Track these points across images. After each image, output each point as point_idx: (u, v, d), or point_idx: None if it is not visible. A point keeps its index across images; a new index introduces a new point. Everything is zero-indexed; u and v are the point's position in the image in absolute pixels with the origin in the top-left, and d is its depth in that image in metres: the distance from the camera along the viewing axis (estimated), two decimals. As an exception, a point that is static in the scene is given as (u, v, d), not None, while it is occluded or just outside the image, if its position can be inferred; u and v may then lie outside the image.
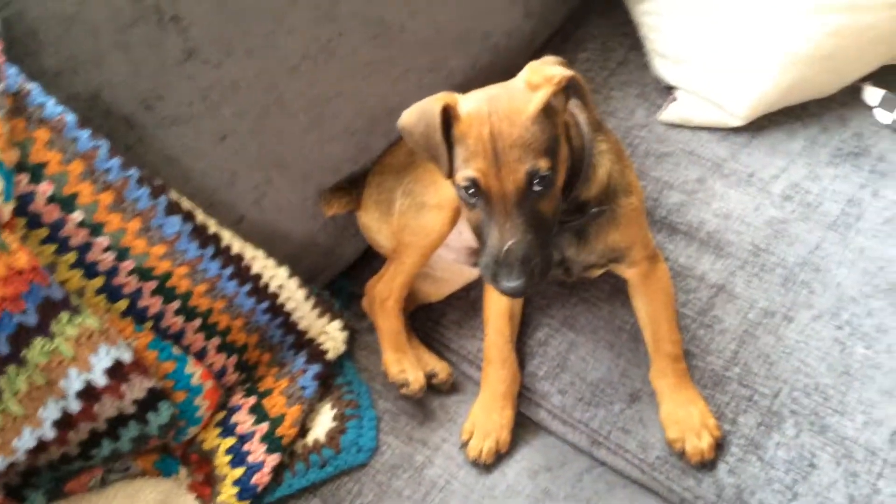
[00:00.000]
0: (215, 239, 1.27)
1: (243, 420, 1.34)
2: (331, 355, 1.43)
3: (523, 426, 1.39)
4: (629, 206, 1.28)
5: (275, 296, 1.38)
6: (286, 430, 1.33)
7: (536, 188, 1.07)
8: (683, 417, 1.29)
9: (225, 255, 1.29)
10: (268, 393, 1.37)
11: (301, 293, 1.41)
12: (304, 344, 1.44)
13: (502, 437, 1.34)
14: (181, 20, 1.15)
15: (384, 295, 1.41)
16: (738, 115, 1.55)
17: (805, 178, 1.48)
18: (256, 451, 1.31)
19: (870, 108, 1.53)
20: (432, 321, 1.54)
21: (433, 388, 1.43)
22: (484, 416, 1.35)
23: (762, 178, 1.50)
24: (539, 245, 1.08)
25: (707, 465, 1.27)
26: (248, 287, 1.33)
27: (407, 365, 1.38)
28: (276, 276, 1.37)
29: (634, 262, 1.34)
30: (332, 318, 1.46)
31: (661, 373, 1.33)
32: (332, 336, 1.45)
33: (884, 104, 1.51)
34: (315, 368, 1.41)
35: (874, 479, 1.20)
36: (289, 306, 1.40)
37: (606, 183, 1.25)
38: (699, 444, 1.26)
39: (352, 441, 1.35)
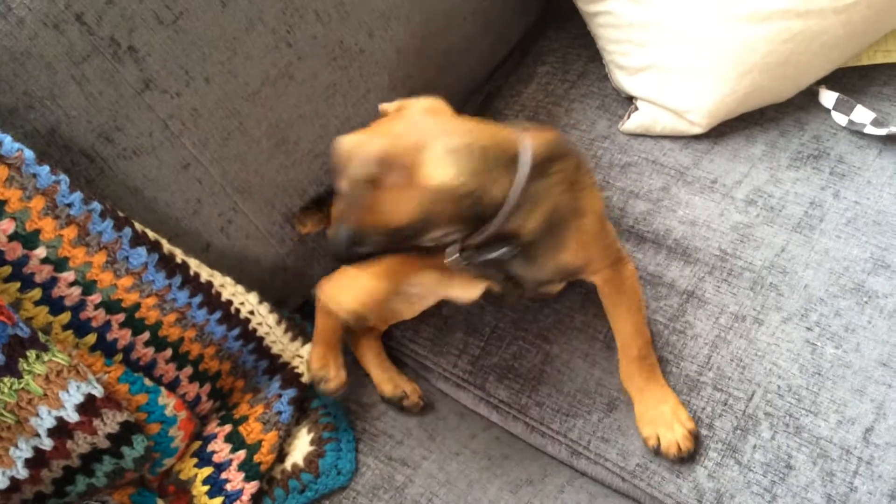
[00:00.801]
0: (183, 268, 1.26)
1: (220, 448, 1.32)
2: (305, 378, 1.42)
3: (503, 440, 1.39)
4: (579, 229, 1.22)
5: (246, 321, 1.36)
6: (264, 457, 1.32)
7: None
8: (655, 416, 1.30)
9: (194, 284, 1.28)
10: (243, 420, 1.36)
11: (272, 318, 1.40)
12: (278, 368, 1.43)
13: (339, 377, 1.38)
14: (137, 51, 1.14)
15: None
16: (697, 123, 1.56)
17: (767, 183, 1.50)
18: (234, 479, 1.30)
19: (827, 111, 1.55)
20: (407, 339, 1.54)
21: (403, 410, 1.43)
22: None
23: (725, 183, 1.52)
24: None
25: (685, 459, 1.28)
26: (218, 314, 1.32)
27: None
28: (247, 301, 1.36)
29: (595, 271, 1.31)
30: (306, 342, 1.45)
31: (629, 375, 1.33)
32: (305, 359, 1.44)
33: (839, 106, 1.53)
34: (290, 393, 1.39)
35: (850, 477, 1.21)
36: (261, 331, 1.39)
37: (548, 216, 1.17)
38: (673, 435, 1.27)
39: (331, 464, 1.34)
